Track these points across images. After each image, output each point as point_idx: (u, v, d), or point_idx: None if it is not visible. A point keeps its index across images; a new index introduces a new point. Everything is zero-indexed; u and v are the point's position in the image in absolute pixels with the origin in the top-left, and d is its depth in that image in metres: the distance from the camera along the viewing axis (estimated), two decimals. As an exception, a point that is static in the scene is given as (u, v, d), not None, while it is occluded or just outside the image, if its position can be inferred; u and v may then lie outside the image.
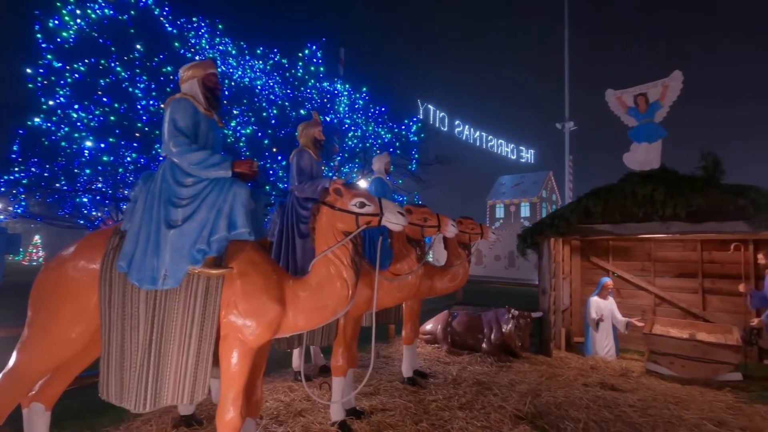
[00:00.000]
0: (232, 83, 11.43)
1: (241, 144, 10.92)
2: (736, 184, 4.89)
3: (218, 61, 11.19)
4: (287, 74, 12.62)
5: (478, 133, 36.37)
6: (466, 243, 4.76)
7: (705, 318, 6.09)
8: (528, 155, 40.13)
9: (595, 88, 6.04)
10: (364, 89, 14.23)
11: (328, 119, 13.00)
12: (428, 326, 6.42)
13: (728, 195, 4.81)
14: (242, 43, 11.93)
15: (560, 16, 19.55)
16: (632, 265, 6.90)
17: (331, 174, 12.75)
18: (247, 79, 11.74)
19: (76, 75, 9.01)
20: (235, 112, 10.95)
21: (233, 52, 11.65)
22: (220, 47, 11.43)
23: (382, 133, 14.36)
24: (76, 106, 8.96)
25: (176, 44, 10.33)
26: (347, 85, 13.86)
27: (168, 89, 9.50)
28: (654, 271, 6.70)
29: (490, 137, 37.34)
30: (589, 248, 7.26)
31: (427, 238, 3.87)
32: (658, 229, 5.29)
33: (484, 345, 5.78)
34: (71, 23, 9.01)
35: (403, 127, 14.77)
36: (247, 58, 11.91)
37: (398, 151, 14.53)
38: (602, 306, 6.05)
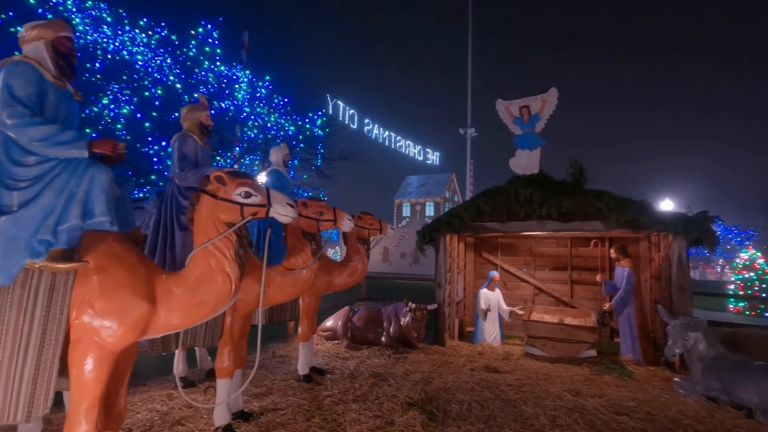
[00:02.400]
0: (108, 55, 10.04)
1: (119, 126, 9.62)
2: (595, 189, 5.66)
3: (90, 29, 9.69)
4: (177, 52, 11.45)
5: (387, 133, 37.43)
6: (365, 238, 4.80)
7: (572, 305, 7.00)
8: (434, 157, 42.47)
9: (496, 98, 6.54)
10: (268, 78, 13.55)
11: (224, 106, 12.12)
12: (329, 323, 6.36)
13: (589, 198, 5.56)
14: (121, 10, 10.48)
15: (466, 28, 20.88)
16: (517, 260, 7.65)
17: (230, 164, 11.94)
18: (126, 52, 10.40)
19: None
20: (112, 89, 9.63)
21: (109, 19, 10.18)
22: (93, 12, 9.88)
23: (286, 125, 13.82)
24: None
25: (32, 1, 8.69)
26: (247, 72, 13.06)
27: (17, 53, 7.94)
28: (534, 265, 7.51)
29: (399, 138, 38.70)
30: (482, 244, 7.87)
31: (323, 232, 3.79)
32: (535, 227, 5.92)
33: (383, 338, 5.90)
34: None
35: (308, 121, 14.39)
36: (127, 29, 10.53)
37: (302, 145, 14.14)
38: (490, 297, 6.59)
